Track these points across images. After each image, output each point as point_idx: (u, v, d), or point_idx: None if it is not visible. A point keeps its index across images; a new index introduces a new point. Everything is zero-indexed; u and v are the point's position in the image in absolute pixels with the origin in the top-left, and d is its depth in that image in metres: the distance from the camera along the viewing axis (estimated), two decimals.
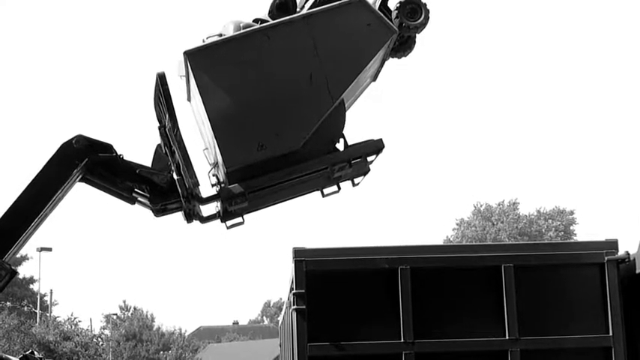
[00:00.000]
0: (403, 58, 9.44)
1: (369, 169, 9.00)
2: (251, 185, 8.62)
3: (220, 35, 8.75)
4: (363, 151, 8.91)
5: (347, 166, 8.81)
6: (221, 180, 8.82)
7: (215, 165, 8.87)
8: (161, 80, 8.71)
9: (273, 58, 8.55)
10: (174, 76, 8.96)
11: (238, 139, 8.46)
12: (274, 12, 8.91)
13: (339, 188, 9.04)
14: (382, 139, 8.94)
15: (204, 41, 8.79)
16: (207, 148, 9.15)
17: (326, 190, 9.04)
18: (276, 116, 8.53)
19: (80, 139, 8.72)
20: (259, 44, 8.56)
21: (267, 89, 8.56)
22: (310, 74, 8.54)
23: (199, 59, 8.51)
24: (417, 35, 9.25)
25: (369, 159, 8.97)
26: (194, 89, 8.65)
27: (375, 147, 8.95)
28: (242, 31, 8.64)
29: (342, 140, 8.85)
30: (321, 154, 8.74)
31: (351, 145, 8.87)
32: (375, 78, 9.33)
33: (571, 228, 75.87)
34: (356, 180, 9.07)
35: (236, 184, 8.60)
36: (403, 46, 9.32)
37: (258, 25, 8.74)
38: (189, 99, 9.21)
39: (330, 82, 8.55)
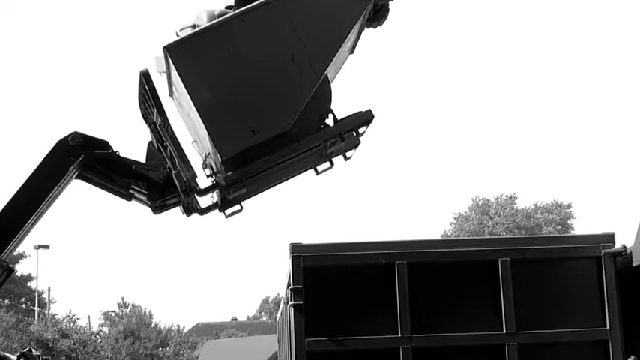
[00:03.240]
0: (379, 28, 9.42)
1: (360, 142, 9.03)
2: (247, 171, 8.63)
3: (194, 26, 8.72)
4: (353, 124, 8.92)
5: (339, 140, 8.82)
6: (216, 170, 8.83)
7: (208, 156, 8.87)
8: (145, 78, 8.72)
9: (252, 43, 8.53)
10: (153, 73, 8.95)
11: (229, 128, 8.46)
12: None
13: (332, 164, 9.07)
14: (371, 109, 8.96)
15: (177, 34, 8.78)
16: (195, 141, 9.15)
17: (319, 168, 9.06)
18: (263, 100, 8.53)
19: (76, 136, 8.70)
20: (237, 30, 8.53)
21: (251, 74, 8.54)
22: (292, 53, 8.53)
23: (179, 53, 8.48)
24: (389, 3, 9.27)
25: (360, 131, 8.99)
26: (177, 83, 8.64)
27: (365, 118, 8.96)
28: (218, 19, 8.62)
29: (331, 116, 8.87)
30: (312, 132, 8.75)
31: (341, 120, 8.89)
32: (352, 50, 9.34)
33: (568, 222, 75.95)
34: (347, 154, 9.09)
35: (232, 172, 8.61)
36: (377, 15, 9.31)
37: (233, 12, 8.71)
38: (170, 94, 9.20)
39: (312, 59, 8.55)
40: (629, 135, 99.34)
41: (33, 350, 10.53)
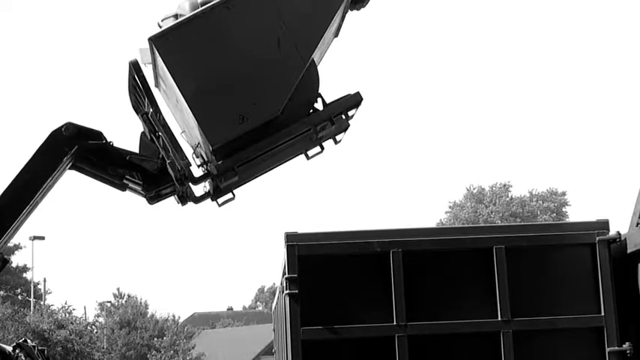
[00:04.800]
0: (363, 10, 9.40)
1: (349, 125, 9.03)
2: (239, 159, 8.62)
3: (176, 16, 8.67)
4: (343, 107, 8.91)
5: (329, 124, 8.82)
6: (206, 159, 8.82)
7: (198, 145, 8.86)
8: (135, 68, 8.68)
9: (238, 30, 8.49)
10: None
11: (219, 116, 8.43)
12: None
13: (322, 148, 9.07)
14: (359, 92, 8.95)
15: (159, 25, 8.73)
16: (184, 131, 9.13)
17: (310, 153, 9.06)
18: (251, 87, 8.50)
19: (69, 126, 8.69)
20: (222, 18, 8.48)
21: (238, 61, 8.51)
22: (277, 39, 8.51)
23: (165, 43, 8.42)
24: None
25: (350, 114, 8.99)
26: (163, 74, 8.60)
27: (354, 100, 8.95)
28: (203, 7, 8.58)
29: (319, 100, 8.85)
30: (302, 117, 8.74)
31: (330, 103, 8.88)
32: (337, 33, 9.33)
33: (563, 209, 76.07)
34: (338, 137, 9.09)
35: (223, 160, 8.59)
36: None
37: None
38: (157, 85, 9.17)
39: (298, 44, 8.53)
40: (623, 122, 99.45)
41: (29, 341, 10.52)
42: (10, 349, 9.90)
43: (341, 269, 8.04)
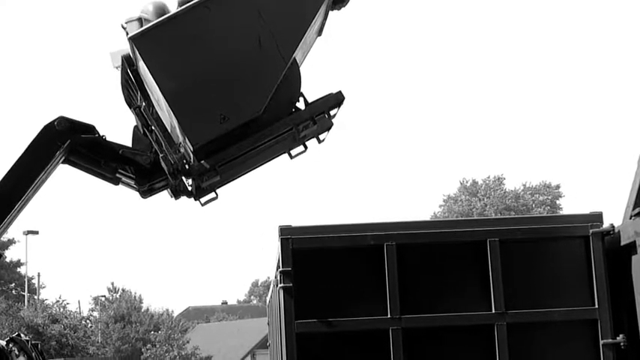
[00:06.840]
0: (343, 10, 9.37)
1: (332, 124, 9.02)
2: (220, 158, 8.59)
3: (140, 19, 8.63)
4: (324, 106, 8.90)
5: (311, 123, 8.81)
6: (188, 158, 8.79)
7: (179, 145, 8.83)
8: (128, 62, 8.66)
9: (218, 29, 8.44)
10: (112, 68, 8.91)
11: (200, 116, 8.39)
12: None
13: (306, 147, 9.05)
14: (341, 91, 8.94)
15: (123, 27, 8.69)
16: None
17: (293, 152, 9.04)
18: (232, 86, 8.46)
19: (62, 120, 8.67)
20: (202, 17, 8.43)
21: (219, 61, 8.46)
22: (258, 38, 8.48)
23: (145, 43, 8.36)
24: None
25: (332, 113, 8.98)
26: (144, 74, 8.55)
27: (336, 100, 8.93)
28: (182, 7, 8.53)
29: (301, 99, 8.84)
30: (283, 116, 8.72)
31: (311, 102, 8.87)
32: (320, 32, 9.30)
33: (557, 202, 76.23)
34: (321, 136, 9.07)
35: (205, 160, 8.57)
36: None
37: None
38: None
39: (279, 43, 8.49)
40: (616, 115, 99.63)
41: (22, 335, 10.51)
42: (3, 343, 9.90)
43: (335, 262, 8.04)
